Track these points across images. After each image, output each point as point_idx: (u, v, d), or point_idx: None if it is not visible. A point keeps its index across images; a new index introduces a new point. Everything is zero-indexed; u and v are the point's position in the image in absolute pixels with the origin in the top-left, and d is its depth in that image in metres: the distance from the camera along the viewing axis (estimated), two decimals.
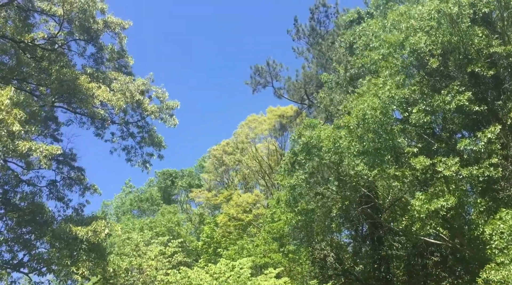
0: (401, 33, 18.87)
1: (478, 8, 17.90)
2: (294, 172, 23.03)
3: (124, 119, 24.36)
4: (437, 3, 17.86)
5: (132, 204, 56.75)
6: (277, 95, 36.59)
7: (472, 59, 18.46)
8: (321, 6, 34.42)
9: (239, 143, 45.60)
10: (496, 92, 19.84)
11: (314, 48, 33.69)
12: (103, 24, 21.71)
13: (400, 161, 19.10)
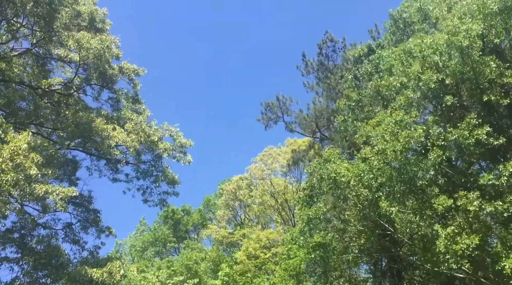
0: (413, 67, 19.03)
1: (488, 39, 18.04)
2: (311, 204, 22.81)
3: (139, 159, 24.64)
4: (446, 37, 18.04)
5: (144, 245, 56.23)
6: (288, 129, 36.70)
7: (485, 89, 18.47)
8: (329, 41, 34.95)
9: (253, 178, 45.50)
10: (510, 122, 19.73)
11: (324, 82, 34.03)
12: (118, 70, 22.34)
13: (418, 194, 18.86)
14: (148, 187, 25.50)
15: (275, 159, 44.54)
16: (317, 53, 35.29)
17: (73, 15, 20.81)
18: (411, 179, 18.40)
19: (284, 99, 36.92)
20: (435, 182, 18.52)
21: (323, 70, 34.70)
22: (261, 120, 36.58)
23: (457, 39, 17.57)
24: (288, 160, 43.20)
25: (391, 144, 17.89)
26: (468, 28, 17.56)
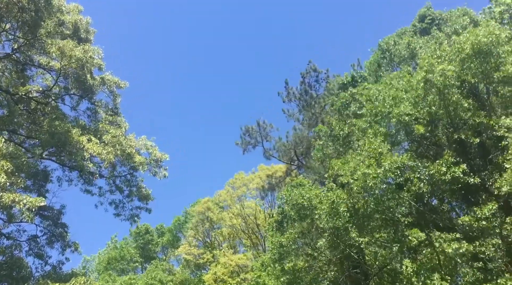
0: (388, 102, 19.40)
1: (465, 80, 18.60)
2: (283, 230, 22.71)
3: (113, 173, 24.22)
4: (423, 74, 18.53)
5: (110, 262, 54.83)
6: (266, 155, 36.82)
7: (459, 128, 18.91)
8: (312, 71, 35.53)
9: (222, 201, 45.12)
10: (482, 162, 20.16)
11: (305, 110, 34.38)
12: (100, 81, 22.12)
13: (390, 226, 18.97)
14: (120, 201, 25.04)
15: (246, 185, 44.32)
16: (300, 82, 35.81)
17: (58, 24, 20.66)
18: (384, 211, 18.53)
19: (264, 125, 37.14)
20: (407, 216, 18.68)
21: (305, 99, 35.14)
22: (240, 145, 36.65)
23: (433, 77, 18.05)
24: (261, 185, 43.09)
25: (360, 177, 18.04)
26: (443, 68, 18.09)
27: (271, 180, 43.34)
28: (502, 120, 17.04)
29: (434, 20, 29.40)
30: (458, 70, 18.62)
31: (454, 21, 25.63)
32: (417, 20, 30.05)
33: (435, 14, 29.69)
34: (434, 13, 29.84)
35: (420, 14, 30.17)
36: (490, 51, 18.02)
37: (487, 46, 17.92)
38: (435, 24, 29.08)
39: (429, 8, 30.24)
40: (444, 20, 28.90)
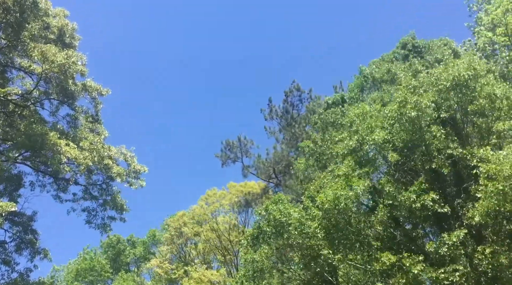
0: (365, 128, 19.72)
1: (442, 111, 19.00)
2: (257, 246, 22.58)
3: (89, 180, 23.86)
4: (396, 107, 18.88)
5: (79, 273, 53.40)
6: (245, 171, 36.82)
7: (433, 157, 19.27)
8: (296, 91, 35.88)
9: (196, 216, 44.67)
10: (456, 190, 20.51)
11: (286, 130, 34.60)
12: (82, 87, 21.92)
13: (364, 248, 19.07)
14: (94, 209, 24.62)
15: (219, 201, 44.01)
16: (283, 100, 36.12)
17: (42, 27, 20.47)
18: (357, 232, 18.66)
19: (245, 141, 37.26)
20: (381, 239, 18.81)
21: (286, 117, 35.39)
22: (219, 157, 36.58)
23: (405, 110, 18.43)
24: (234, 201, 42.87)
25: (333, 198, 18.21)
26: (417, 100, 18.50)
27: (247, 197, 43.20)
28: (476, 151, 17.41)
29: (416, 48, 30.11)
30: (434, 100, 19.04)
31: (435, 50, 26.32)
32: (399, 47, 30.75)
33: (417, 43, 30.43)
34: (416, 42, 30.59)
35: (402, 41, 30.89)
36: (468, 84, 18.52)
37: (464, 79, 18.42)
38: (416, 51, 29.78)
39: (413, 37, 31.02)
40: (426, 48, 29.62)
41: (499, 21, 26.52)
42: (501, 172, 15.40)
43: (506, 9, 26.03)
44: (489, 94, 18.37)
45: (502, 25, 26.35)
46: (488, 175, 16.05)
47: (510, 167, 15.23)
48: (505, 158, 15.84)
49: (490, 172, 15.80)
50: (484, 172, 16.13)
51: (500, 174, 15.44)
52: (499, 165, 15.63)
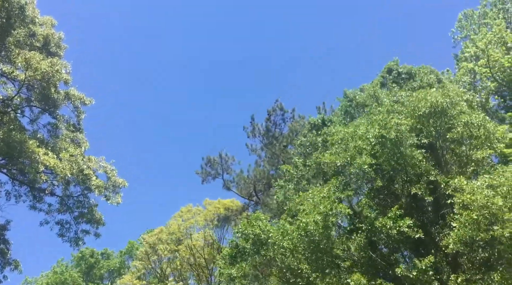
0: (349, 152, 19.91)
1: (421, 137, 19.33)
2: (236, 263, 22.34)
3: (66, 191, 23.38)
4: (378, 130, 19.16)
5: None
6: (225, 188, 36.63)
7: (414, 182, 19.50)
8: (278, 110, 36.06)
9: (172, 233, 44.07)
10: (434, 216, 20.75)
11: (268, 148, 34.63)
12: (64, 96, 21.64)
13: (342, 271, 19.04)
14: (67, 222, 24.05)
15: (194, 215, 43.56)
16: (266, 118, 36.20)
17: (28, 34, 20.24)
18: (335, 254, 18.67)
19: (226, 157, 37.14)
20: (358, 263, 18.83)
21: (269, 136, 35.45)
22: (200, 174, 36.38)
23: (387, 132, 18.70)
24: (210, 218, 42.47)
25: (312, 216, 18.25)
26: (397, 123, 18.81)
27: (226, 213, 42.87)
28: (451, 180, 17.69)
29: (400, 74, 30.77)
30: (415, 126, 19.38)
31: (421, 77, 26.92)
32: (384, 72, 31.41)
33: (401, 69, 31.12)
34: (400, 68, 31.28)
35: (387, 67, 31.57)
36: (446, 111, 18.92)
37: (442, 106, 18.82)
38: (401, 78, 30.42)
39: (397, 63, 31.73)
40: (410, 75, 30.30)
41: (481, 53, 27.31)
42: (475, 201, 15.68)
43: (489, 41, 26.80)
44: (467, 123, 18.77)
45: (485, 56, 27.13)
46: (462, 204, 16.32)
47: (484, 197, 15.50)
48: (478, 188, 16.15)
49: (465, 201, 16.08)
50: (459, 202, 16.41)
51: (474, 203, 15.72)
52: (473, 195, 15.91)
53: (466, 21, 34.61)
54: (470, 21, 34.31)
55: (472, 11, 34.36)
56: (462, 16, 35.08)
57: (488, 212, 15.41)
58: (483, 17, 32.96)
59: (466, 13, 34.84)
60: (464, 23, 34.65)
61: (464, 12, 35.08)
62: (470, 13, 34.41)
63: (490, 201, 15.39)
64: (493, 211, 15.32)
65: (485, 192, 15.70)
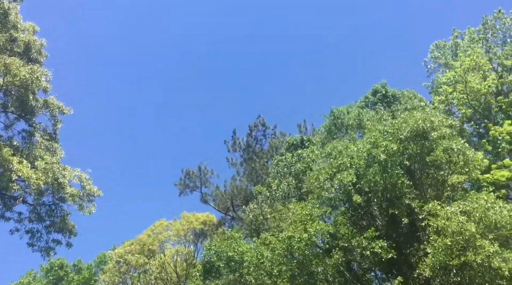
0: (333, 167, 20.03)
1: (402, 159, 19.60)
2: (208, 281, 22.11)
3: (38, 201, 22.83)
4: (369, 147, 19.37)
5: None
6: (203, 201, 36.35)
7: (393, 203, 19.71)
8: (260, 125, 36.18)
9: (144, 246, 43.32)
10: (409, 238, 20.95)
11: (248, 163, 34.61)
12: (43, 104, 21.26)
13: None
14: (38, 231, 23.47)
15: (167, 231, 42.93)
16: (247, 134, 36.29)
17: (9, 40, 19.92)
18: (311, 273, 18.66)
19: (205, 170, 36.95)
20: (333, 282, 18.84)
21: (249, 151, 35.48)
22: (178, 186, 36.05)
23: (376, 152, 18.92)
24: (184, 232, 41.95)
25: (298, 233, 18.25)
26: (387, 144, 19.05)
27: (201, 227, 42.39)
28: (426, 205, 17.92)
29: (386, 97, 31.39)
30: (397, 149, 19.65)
31: (405, 100, 27.47)
32: (370, 93, 32.02)
33: (388, 91, 31.75)
34: (387, 90, 31.91)
35: (374, 88, 32.20)
36: (426, 136, 19.25)
37: (423, 130, 19.15)
38: (386, 101, 31.03)
39: (383, 85, 32.36)
40: (395, 97, 30.96)
41: (459, 79, 27.98)
42: (449, 227, 15.91)
43: (467, 67, 27.46)
44: (446, 148, 19.11)
45: (462, 83, 27.77)
46: (437, 229, 16.55)
47: (457, 223, 15.76)
48: (453, 213, 16.40)
49: (439, 226, 16.32)
50: (433, 227, 16.65)
51: (448, 229, 15.95)
52: (447, 220, 16.16)
53: (438, 52, 35.57)
54: (442, 52, 35.29)
55: (444, 42, 35.46)
56: (434, 47, 36.13)
57: (461, 238, 15.64)
58: (455, 48, 34.04)
59: (438, 44, 35.91)
60: (436, 54, 35.62)
61: (436, 43, 36.15)
62: (442, 45, 35.45)
63: (464, 227, 15.63)
64: (466, 237, 15.56)
65: (459, 218, 15.95)
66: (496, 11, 33.25)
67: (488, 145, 25.68)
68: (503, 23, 32.71)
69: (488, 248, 15.22)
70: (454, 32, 35.25)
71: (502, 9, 33.13)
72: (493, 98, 27.83)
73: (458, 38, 34.77)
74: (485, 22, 33.35)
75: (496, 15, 33.12)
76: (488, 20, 33.28)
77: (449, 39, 35.32)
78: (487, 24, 33.14)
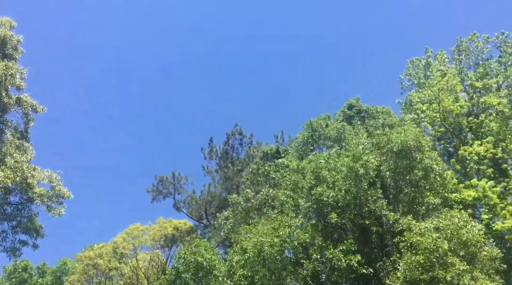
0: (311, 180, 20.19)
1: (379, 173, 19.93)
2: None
3: (5, 200, 22.21)
4: (348, 160, 19.61)
5: None
6: (176, 208, 36.01)
7: (365, 217, 19.95)
8: (237, 134, 36.19)
9: (117, 249, 42.55)
10: (379, 252, 21.22)
11: (223, 172, 34.52)
12: (15, 101, 20.76)
13: None
14: (4, 231, 22.83)
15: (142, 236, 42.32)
16: (224, 142, 36.23)
17: None
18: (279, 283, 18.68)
19: (179, 177, 36.66)
20: None
21: (225, 159, 35.41)
22: (151, 192, 35.63)
23: (355, 166, 19.18)
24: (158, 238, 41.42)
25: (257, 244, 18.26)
26: (367, 159, 19.36)
27: (174, 233, 41.89)
28: (401, 219, 18.18)
29: (360, 112, 31.92)
30: (376, 165, 19.99)
31: (380, 117, 27.95)
32: (345, 107, 32.51)
33: (362, 107, 32.30)
34: (361, 105, 32.45)
35: (349, 103, 32.73)
36: (410, 154, 19.66)
37: (409, 148, 19.57)
38: (360, 116, 31.56)
39: (357, 100, 32.91)
40: (369, 113, 31.51)
41: (433, 99, 28.68)
42: (422, 243, 16.18)
43: (441, 87, 28.19)
44: (427, 168, 19.53)
45: (436, 102, 28.46)
46: (410, 244, 16.80)
47: (431, 240, 16.05)
48: (426, 229, 16.70)
49: (413, 241, 16.57)
50: (406, 242, 16.91)
51: (421, 245, 16.22)
52: (421, 236, 16.44)
53: (413, 69, 36.31)
54: (416, 70, 36.04)
55: (419, 60, 36.25)
56: (410, 64, 36.91)
57: (433, 255, 15.89)
58: (427, 68, 34.91)
59: (414, 61, 36.67)
60: (411, 71, 36.38)
61: (411, 60, 36.91)
62: (417, 62, 36.24)
63: (437, 244, 15.90)
64: (438, 254, 15.83)
65: (432, 235, 16.24)
66: (471, 34, 34.27)
67: (457, 164, 26.27)
68: (476, 46, 33.75)
69: (458, 265, 15.53)
70: (427, 51, 36.12)
71: (476, 32, 34.24)
72: (464, 119, 28.60)
73: (430, 57, 35.62)
74: (459, 44, 34.35)
75: (470, 38, 34.13)
76: (463, 42, 34.28)
77: (423, 58, 36.13)
78: (461, 46, 34.13)
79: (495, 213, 22.58)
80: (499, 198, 22.99)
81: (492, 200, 22.66)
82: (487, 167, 24.78)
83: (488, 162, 25.05)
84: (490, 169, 24.64)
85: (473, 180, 24.24)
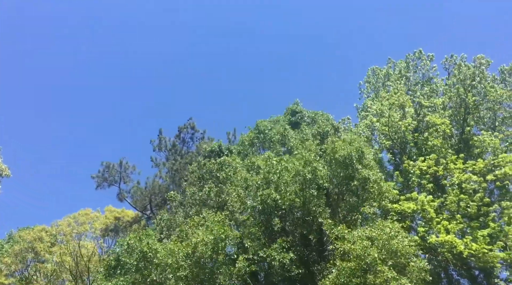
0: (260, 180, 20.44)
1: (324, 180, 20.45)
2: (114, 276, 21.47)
3: None
4: (298, 164, 19.99)
5: None
6: (119, 198, 35.31)
7: (306, 222, 20.43)
8: (190, 128, 35.98)
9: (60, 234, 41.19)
10: (317, 255, 21.77)
11: (172, 164, 34.22)
12: None
13: None
14: None
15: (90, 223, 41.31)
16: (176, 135, 35.93)
17: None
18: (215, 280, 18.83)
19: (127, 165, 36.03)
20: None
21: (174, 152, 35.10)
22: (95, 179, 34.77)
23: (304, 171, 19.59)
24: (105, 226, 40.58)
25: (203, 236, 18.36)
26: (316, 166, 19.84)
27: (118, 223, 41.10)
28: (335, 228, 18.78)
29: (303, 118, 32.45)
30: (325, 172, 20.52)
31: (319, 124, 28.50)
32: (288, 112, 32.92)
33: (302, 112, 32.76)
34: (302, 110, 32.89)
35: (291, 108, 33.11)
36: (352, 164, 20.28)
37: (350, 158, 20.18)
38: (303, 121, 32.12)
39: (297, 104, 33.34)
40: (310, 118, 32.12)
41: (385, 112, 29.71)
42: (354, 251, 16.84)
43: (392, 103, 29.27)
44: (364, 178, 20.25)
45: (385, 116, 29.51)
46: (343, 251, 17.43)
47: (362, 248, 16.71)
48: (358, 238, 17.40)
49: (345, 249, 17.22)
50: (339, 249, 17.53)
51: (353, 252, 16.87)
52: (353, 244, 17.10)
53: (373, 78, 37.24)
54: (376, 78, 36.97)
55: (380, 70, 37.16)
56: (371, 72, 37.83)
57: (364, 262, 16.56)
58: (387, 78, 35.90)
59: (375, 69, 37.59)
60: (371, 79, 37.28)
61: (372, 68, 37.83)
62: (378, 71, 37.19)
63: (367, 251, 16.57)
64: (368, 261, 16.50)
65: (363, 243, 16.90)
66: (417, 51, 35.21)
67: (400, 177, 27.33)
68: (424, 64, 35.03)
69: (386, 273, 16.25)
70: (389, 62, 37.02)
71: (422, 50, 35.27)
72: (410, 134, 29.77)
73: (391, 68, 36.57)
74: (408, 61, 35.50)
75: (417, 55, 35.24)
76: (411, 59, 35.44)
77: (384, 68, 37.01)
78: (410, 63, 35.33)
79: (431, 227, 23.57)
80: (436, 213, 24.02)
81: (429, 214, 23.63)
82: (427, 182, 25.82)
83: (429, 177, 26.08)
84: (430, 184, 25.68)
85: (414, 193, 25.29)
